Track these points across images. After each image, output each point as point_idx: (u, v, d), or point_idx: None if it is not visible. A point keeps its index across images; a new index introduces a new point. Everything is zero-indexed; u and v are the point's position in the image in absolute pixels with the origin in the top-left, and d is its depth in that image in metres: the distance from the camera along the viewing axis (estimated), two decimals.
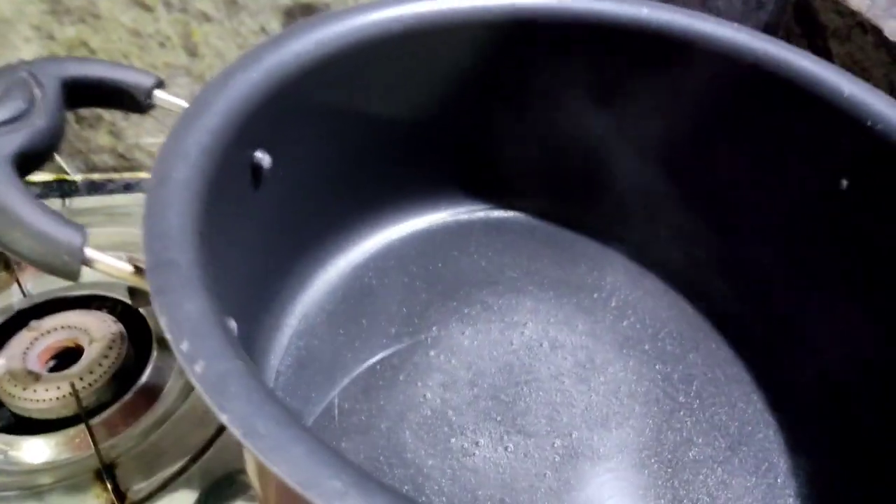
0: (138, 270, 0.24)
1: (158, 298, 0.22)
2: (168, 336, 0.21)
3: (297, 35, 0.33)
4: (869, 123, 0.34)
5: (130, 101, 0.29)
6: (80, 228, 0.24)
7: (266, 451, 0.18)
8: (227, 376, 0.20)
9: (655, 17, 0.38)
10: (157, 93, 0.30)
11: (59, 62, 0.28)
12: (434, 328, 0.39)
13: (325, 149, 0.37)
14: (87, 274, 0.25)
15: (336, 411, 0.35)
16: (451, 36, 0.38)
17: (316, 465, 0.18)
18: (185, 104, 0.29)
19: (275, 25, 0.48)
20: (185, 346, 0.20)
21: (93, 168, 0.55)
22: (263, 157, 0.32)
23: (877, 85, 0.44)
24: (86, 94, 0.29)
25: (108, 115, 0.50)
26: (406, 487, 0.33)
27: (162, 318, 0.21)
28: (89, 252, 0.24)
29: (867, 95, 0.35)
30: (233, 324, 0.25)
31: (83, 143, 0.53)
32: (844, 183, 0.35)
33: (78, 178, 0.55)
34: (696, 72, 0.38)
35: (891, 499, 0.31)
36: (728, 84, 0.38)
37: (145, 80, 0.29)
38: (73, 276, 0.24)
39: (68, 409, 0.39)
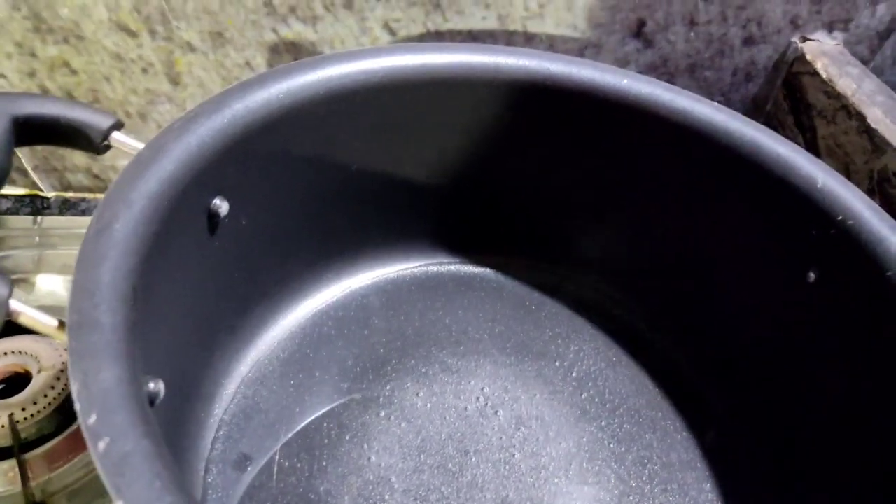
0: (62, 325, 0.23)
1: (74, 363, 0.21)
2: (76, 407, 0.20)
3: (267, 82, 0.33)
4: (840, 218, 0.33)
5: (86, 141, 0.29)
6: (6, 279, 0.23)
7: None
8: (130, 457, 0.19)
9: (635, 88, 0.38)
10: (116, 135, 0.29)
11: (12, 98, 0.27)
12: (388, 386, 0.38)
13: (291, 196, 0.37)
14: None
15: (275, 468, 0.34)
16: (429, 91, 0.38)
17: None
18: (142, 147, 0.28)
19: (260, 61, 0.47)
20: (92, 419, 0.19)
21: (67, 187, 0.54)
22: (221, 205, 0.31)
23: (858, 172, 0.44)
24: (39, 132, 0.28)
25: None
26: None
27: (74, 386, 0.20)
28: (14, 305, 0.23)
29: (842, 189, 0.34)
30: (159, 386, 0.24)
31: (59, 160, 0.52)
32: (812, 276, 0.34)
33: (51, 195, 0.54)
34: (670, 146, 0.38)
35: None
36: (702, 162, 0.37)
37: (102, 121, 0.29)
38: None
39: (5, 440, 0.38)
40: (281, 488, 0.33)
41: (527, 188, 0.44)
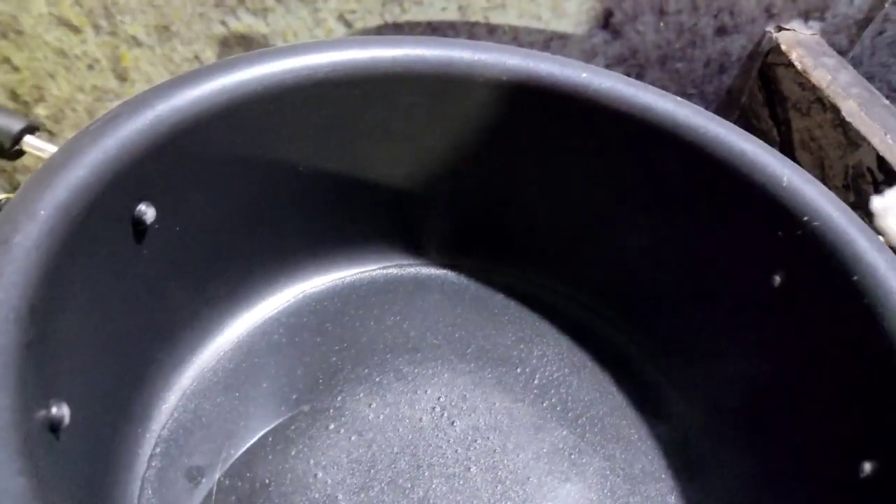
0: None
1: None
2: None
3: (198, 80, 0.31)
4: (806, 219, 0.32)
5: None
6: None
7: None
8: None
9: (595, 82, 0.36)
10: (29, 139, 0.28)
11: None
12: (339, 397, 0.37)
13: (232, 199, 0.35)
14: None
15: (215, 488, 0.32)
16: (379, 87, 0.36)
17: None
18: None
19: (209, 54, 0.45)
20: None
21: (17, 188, 0.52)
22: (147, 211, 0.29)
23: (833, 167, 0.43)
24: None
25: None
26: None
27: None
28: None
29: (808, 188, 0.32)
30: (62, 410, 0.23)
31: (8, 162, 0.50)
32: (777, 279, 0.33)
33: (1, 196, 0.52)
34: (632, 143, 0.36)
35: None
36: (665, 159, 0.36)
37: (12, 125, 0.27)
38: None
39: None
40: None
41: (487, 187, 0.42)
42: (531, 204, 0.42)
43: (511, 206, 0.42)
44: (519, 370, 0.39)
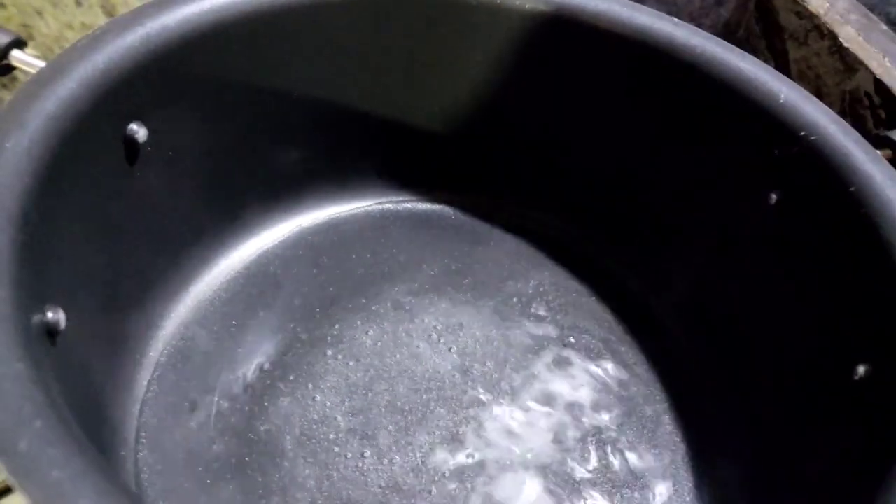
0: None
1: None
2: None
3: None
4: (803, 134, 0.31)
5: None
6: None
7: (19, 472, 0.15)
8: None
9: (591, 5, 0.36)
10: (16, 53, 0.27)
11: None
12: (336, 326, 0.37)
13: (225, 125, 0.35)
14: None
15: (214, 410, 0.33)
16: (381, 9, 0.35)
17: (74, 493, 0.15)
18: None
19: None
20: None
21: None
22: (139, 130, 0.29)
23: (829, 95, 0.42)
24: None
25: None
26: (275, 499, 0.30)
27: None
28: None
29: (805, 103, 0.32)
30: (59, 315, 0.23)
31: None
32: (774, 197, 0.33)
33: None
34: (629, 66, 0.36)
35: None
36: (662, 81, 0.35)
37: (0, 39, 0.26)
38: None
39: None
40: (219, 429, 0.32)
41: (485, 120, 0.41)
42: (529, 137, 0.42)
43: (509, 139, 0.42)
44: (515, 299, 0.40)
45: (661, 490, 0.33)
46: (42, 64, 0.27)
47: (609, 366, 0.37)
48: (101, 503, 0.15)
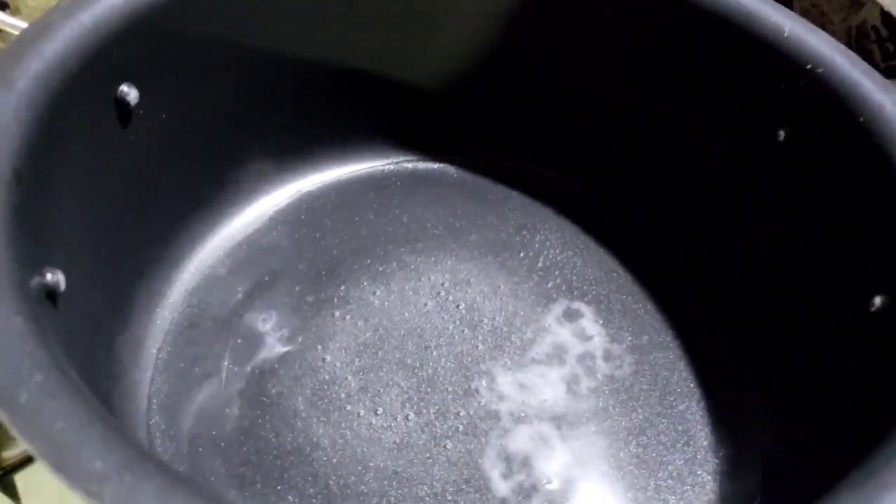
0: None
1: None
2: None
3: None
4: (810, 67, 0.31)
5: None
6: None
7: (21, 425, 0.15)
8: None
9: None
10: None
11: None
12: (342, 287, 0.36)
13: (219, 87, 0.34)
14: None
15: (224, 374, 0.32)
16: None
17: (78, 443, 0.15)
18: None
19: None
20: None
21: None
22: (129, 92, 0.29)
23: (835, 32, 0.41)
24: None
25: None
26: (291, 458, 0.30)
27: None
28: None
29: (811, 36, 0.31)
30: (57, 277, 0.22)
31: None
32: (782, 134, 0.32)
33: None
34: (629, 8, 0.35)
35: (812, 472, 0.28)
36: (660, 19, 0.34)
37: None
38: None
39: None
40: (231, 393, 0.32)
41: (483, 75, 0.41)
42: (529, 90, 0.41)
43: (508, 93, 0.41)
44: (522, 254, 0.39)
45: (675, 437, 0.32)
46: (24, 25, 0.27)
47: (619, 316, 0.36)
48: (104, 452, 0.15)
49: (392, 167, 0.43)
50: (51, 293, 0.22)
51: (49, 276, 0.22)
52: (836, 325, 0.28)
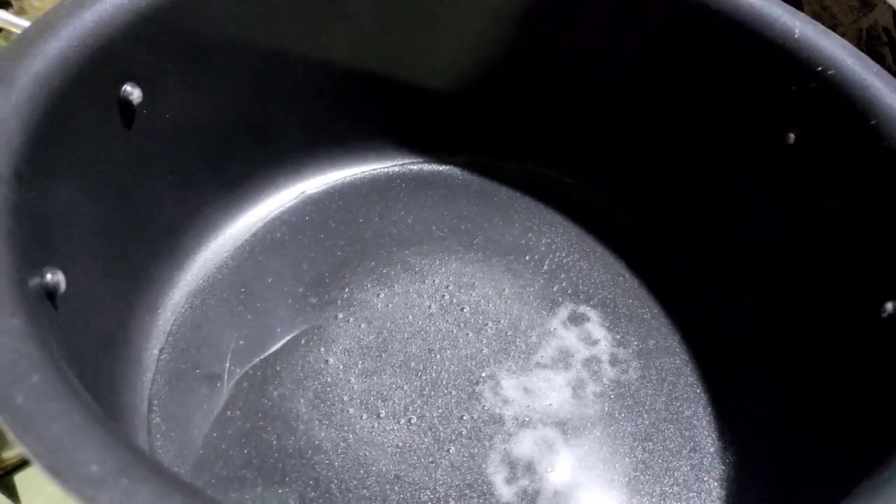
0: None
1: None
2: None
3: None
4: (820, 69, 0.30)
5: None
6: None
7: (18, 426, 0.15)
8: None
9: None
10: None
11: None
12: (346, 289, 0.36)
13: (223, 88, 0.34)
14: None
15: (226, 376, 0.32)
16: None
17: (74, 446, 0.15)
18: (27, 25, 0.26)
19: None
20: None
21: None
22: (133, 92, 0.28)
23: (845, 34, 0.41)
24: None
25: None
26: (292, 461, 0.30)
27: None
28: None
29: (821, 37, 0.31)
30: (58, 277, 0.22)
31: None
32: (792, 136, 0.31)
33: None
34: (637, 8, 0.34)
35: (818, 480, 0.28)
36: (670, 22, 0.34)
37: None
38: None
39: None
40: (232, 395, 0.32)
41: (488, 77, 0.40)
42: (534, 90, 0.41)
43: (514, 95, 0.41)
44: (528, 257, 0.39)
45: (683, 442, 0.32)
46: (26, 24, 0.27)
47: (625, 320, 0.36)
48: (100, 455, 0.15)
49: (397, 169, 0.43)
50: (51, 293, 0.22)
51: (49, 277, 0.22)
52: (847, 332, 0.28)
